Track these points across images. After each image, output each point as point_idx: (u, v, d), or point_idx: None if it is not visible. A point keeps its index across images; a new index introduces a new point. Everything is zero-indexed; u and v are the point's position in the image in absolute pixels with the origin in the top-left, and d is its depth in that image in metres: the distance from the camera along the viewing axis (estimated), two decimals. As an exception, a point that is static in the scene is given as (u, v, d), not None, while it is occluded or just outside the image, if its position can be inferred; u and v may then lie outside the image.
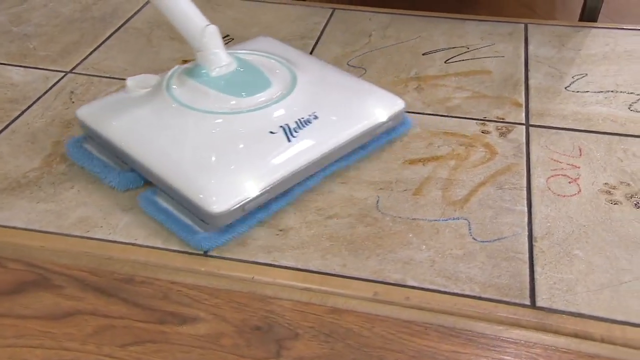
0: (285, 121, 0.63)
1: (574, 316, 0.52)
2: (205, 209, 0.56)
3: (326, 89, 0.70)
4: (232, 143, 0.61)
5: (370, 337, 0.51)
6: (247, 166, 0.59)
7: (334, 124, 0.65)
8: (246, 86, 0.65)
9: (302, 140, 0.62)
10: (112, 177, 0.65)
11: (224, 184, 0.58)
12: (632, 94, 0.81)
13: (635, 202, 0.64)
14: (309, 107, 0.65)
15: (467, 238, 0.61)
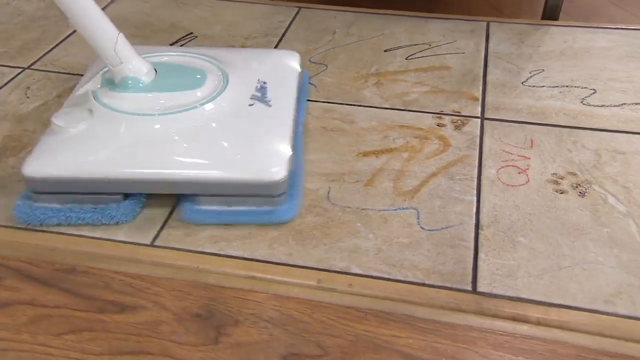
0: (250, 93, 0.68)
1: (513, 300, 0.53)
2: (270, 180, 0.58)
3: (245, 61, 0.75)
4: (233, 124, 0.63)
5: (310, 323, 0.51)
6: (269, 134, 0.63)
7: (279, 82, 0.73)
8: (181, 84, 0.65)
9: (276, 102, 0.68)
10: (116, 213, 0.60)
11: (268, 153, 0.61)
12: (585, 89, 0.82)
13: (580, 191, 0.65)
14: (253, 78, 0.71)
15: (415, 227, 0.61)
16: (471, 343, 0.49)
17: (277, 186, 0.59)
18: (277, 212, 0.60)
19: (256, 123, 0.64)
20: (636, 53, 0.90)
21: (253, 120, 0.64)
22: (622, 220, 0.61)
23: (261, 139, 0.62)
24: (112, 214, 0.60)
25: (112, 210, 0.60)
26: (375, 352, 0.48)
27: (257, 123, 0.64)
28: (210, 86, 0.66)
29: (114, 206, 0.60)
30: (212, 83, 0.66)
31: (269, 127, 0.64)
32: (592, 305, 0.52)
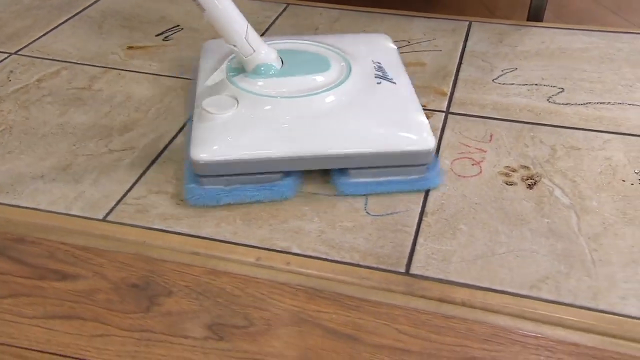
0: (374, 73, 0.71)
1: (442, 282, 0.54)
2: (425, 148, 0.62)
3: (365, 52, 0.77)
4: (369, 100, 0.67)
5: (241, 296, 0.52)
6: (404, 105, 0.68)
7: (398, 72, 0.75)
8: (310, 66, 0.69)
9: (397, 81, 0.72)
10: (284, 189, 0.64)
11: (416, 123, 0.65)
12: (554, 87, 0.83)
13: (529, 183, 0.65)
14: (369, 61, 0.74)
15: (361, 212, 0.62)
16: (392, 320, 0.50)
17: (430, 154, 0.63)
18: (426, 178, 0.64)
19: (391, 98, 0.67)
20: (611, 55, 0.90)
21: (387, 96, 0.67)
22: (564, 212, 0.61)
23: (402, 112, 0.66)
24: (280, 190, 0.63)
25: (279, 187, 0.63)
26: (298, 325, 0.50)
27: (391, 98, 0.67)
28: (336, 69, 0.69)
29: (280, 183, 0.63)
30: (337, 66, 0.70)
31: (403, 101, 0.68)
32: (517, 289, 0.53)
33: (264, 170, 0.63)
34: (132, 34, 0.99)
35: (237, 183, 0.63)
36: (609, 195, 0.63)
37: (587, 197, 0.63)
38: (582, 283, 0.53)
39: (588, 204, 0.62)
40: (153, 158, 0.71)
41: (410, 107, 0.67)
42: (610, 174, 0.66)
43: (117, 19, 1.03)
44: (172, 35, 0.99)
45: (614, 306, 0.51)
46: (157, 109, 0.80)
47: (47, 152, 0.72)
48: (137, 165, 0.70)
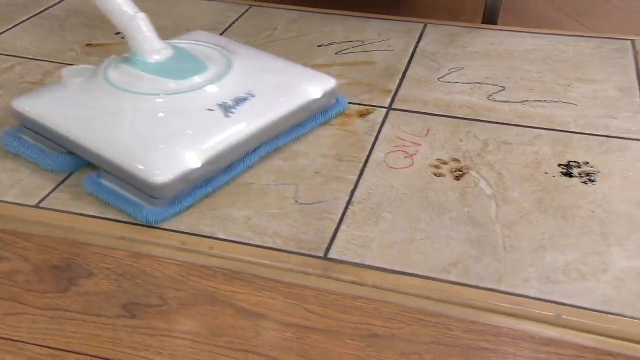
0: (222, 100, 0.66)
1: (357, 266, 0.55)
2: (149, 181, 0.58)
3: (262, 71, 0.74)
4: (171, 121, 0.64)
5: (160, 277, 0.54)
6: (187, 140, 0.62)
7: (270, 101, 0.69)
8: (182, 70, 0.69)
9: (240, 116, 0.65)
10: (50, 161, 0.67)
11: (166, 157, 0.60)
12: (496, 86, 0.85)
13: (457, 175, 0.67)
14: (245, 87, 0.69)
15: (290, 200, 0.64)
16: (303, 300, 0.51)
17: (154, 189, 0.59)
18: (146, 210, 0.60)
19: (192, 127, 0.63)
20: (555, 56, 0.92)
21: (192, 124, 0.64)
22: (486, 201, 0.63)
23: (176, 142, 0.62)
24: (48, 162, 0.67)
25: (52, 160, 0.67)
26: (211, 305, 0.51)
27: (193, 127, 0.63)
28: (190, 82, 0.68)
29: (56, 156, 0.67)
30: (197, 80, 0.68)
31: (200, 135, 0.63)
32: (428, 273, 0.54)
33: (52, 139, 0.67)
34: (92, 32, 1.01)
35: (36, 140, 0.69)
36: (530, 187, 0.65)
37: (510, 188, 0.65)
38: (491, 267, 0.55)
39: (509, 195, 0.64)
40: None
41: (195, 142, 0.62)
42: (535, 167, 0.68)
43: (80, 18, 1.05)
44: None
45: (515, 288, 0.52)
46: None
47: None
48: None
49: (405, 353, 0.47)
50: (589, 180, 0.65)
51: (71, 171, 0.67)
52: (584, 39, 0.98)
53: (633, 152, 0.70)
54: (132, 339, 0.48)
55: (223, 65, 0.72)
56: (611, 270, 0.54)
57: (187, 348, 0.48)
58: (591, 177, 0.66)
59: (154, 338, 0.48)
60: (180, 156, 0.60)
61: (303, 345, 0.48)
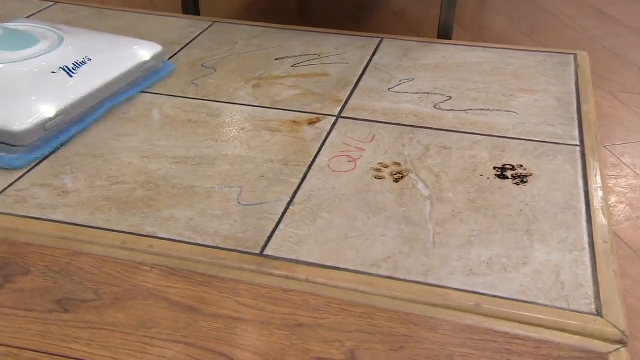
0: (63, 63, 0.79)
1: (291, 262, 0.57)
2: (9, 129, 0.68)
3: (95, 42, 0.88)
4: (20, 83, 0.75)
5: (97, 274, 0.55)
6: (39, 95, 0.74)
7: (106, 62, 0.83)
8: (17, 43, 0.80)
9: (82, 75, 0.79)
10: None
11: (23, 108, 0.71)
12: (443, 96, 0.88)
13: (396, 177, 0.69)
14: (82, 53, 0.82)
15: (233, 202, 0.66)
16: (235, 294, 0.53)
17: (15, 136, 0.68)
18: (7, 158, 0.70)
19: (41, 85, 0.75)
20: (501, 69, 0.96)
21: (40, 83, 0.76)
22: (421, 202, 0.65)
23: (29, 97, 0.73)
24: None
25: None
26: (144, 298, 0.52)
27: (42, 85, 0.75)
28: (29, 52, 0.80)
29: None
30: (34, 50, 0.80)
31: (49, 91, 0.75)
32: (359, 267, 0.56)
33: None
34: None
35: None
36: (465, 188, 0.67)
37: (445, 189, 0.67)
38: (419, 262, 0.57)
39: (444, 195, 0.66)
40: (46, 155, 0.74)
41: (46, 96, 0.74)
42: (471, 170, 0.70)
43: None
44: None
45: (440, 280, 0.54)
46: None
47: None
48: (29, 161, 0.72)
49: (328, 340, 0.48)
50: (521, 182, 0.68)
51: None
52: (531, 53, 1.02)
53: (564, 155, 0.73)
54: (62, 332, 0.49)
55: (55, 39, 0.84)
56: (531, 263, 0.56)
57: (117, 339, 0.49)
58: (523, 179, 0.68)
59: (84, 331, 0.49)
60: (35, 107, 0.72)
61: (231, 335, 0.49)
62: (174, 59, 0.99)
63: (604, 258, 0.56)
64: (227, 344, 0.48)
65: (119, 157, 0.74)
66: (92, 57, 0.82)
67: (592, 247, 0.58)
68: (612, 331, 0.49)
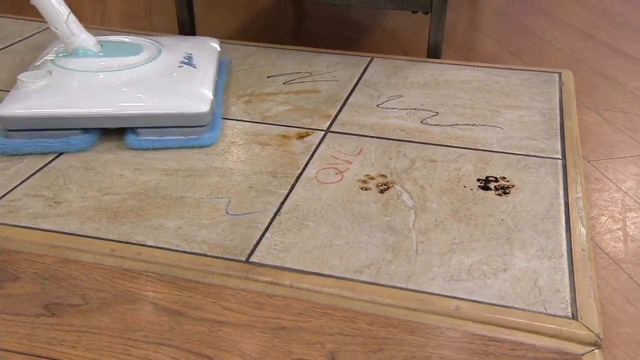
0: (179, 60, 0.88)
1: (276, 269, 0.58)
2: (198, 111, 0.79)
3: (180, 42, 0.97)
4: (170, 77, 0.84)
5: (85, 280, 0.56)
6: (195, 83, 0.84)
7: (202, 52, 0.94)
8: (130, 50, 0.87)
9: (199, 64, 0.90)
10: (76, 143, 0.78)
11: (196, 94, 0.82)
12: (430, 112, 0.90)
13: (382, 189, 0.71)
14: (182, 51, 0.92)
15: (221, 212, 0.67)
16: (220, 299, 0.54)
17: (203, 117, 0.78)
18: (202, 138, 0.79)
19: (185, 77, 0.84)
20: (488, 86, 0.98)
21: (183, 75, 0.84)
22: (405, 212, 0.67)
23: (190, 86, 0.82)
24: (74, 143, 0.77)
25: (73, 140, 0.77)
26: (131, 303, 0.53)
27: (186, 77, 0.84)
28: (146, 55, 0.86)
29: (75, 137, 0.78)
30: (148, 53, 0.87)
31: (196, 79, 0.84)
32: (342, 273, 0.57)
33: (60, 126, 0.77)
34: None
35: (39, 137, 0.77)
36: (449, 198, 0.69)
37: (430, 200, 0.69)
38: (401, 268, 0.58)
39: (428, 205, 0.68)
40: (39, 167, 0.75)
41: (198, 84, 0.83)
42: (455, 182, 0.72)
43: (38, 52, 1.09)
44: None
45: (421, 286, 0.55)
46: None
47: (-61, 160, 0.76)
48: (21, 174, 0.74)
49: (310, 343, 0.49)
50: (503, 193, 0.69)
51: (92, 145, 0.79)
52: (517, 71, 1.04)
53: (546, 168, 0.74)
54: (48, 335, 0.50)
55: (153, 46, 0.90)
56: (510, 270, 0.57)
57: (102, 342, 0.50)
58: (505, 190, 0.70)
59: (70, 334, 0.50)
60: (202, 91, 0.82)
61: (214, 337, 0.50)
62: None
63: (581, 265, 0.57)
64: (210, 346, 0.49)
65: (111, 169, 0.75)
66: (191, 52, 0.91)
67: (570, 254, 0.59)
68: (586, 334, 0.50)
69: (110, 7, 1.44)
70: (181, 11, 1.21)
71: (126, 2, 1.47)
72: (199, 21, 1.32)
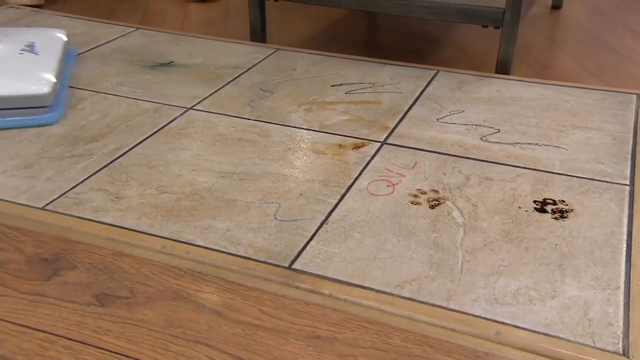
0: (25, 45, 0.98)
1: (317, 277, 0.58)
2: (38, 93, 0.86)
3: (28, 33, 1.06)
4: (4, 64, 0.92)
5: (135, 274, 0.58)
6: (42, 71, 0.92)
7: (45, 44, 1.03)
8: None
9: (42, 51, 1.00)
10: None
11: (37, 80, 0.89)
12: (492, 128, 0.88)
13: (432, 204, 0.70)
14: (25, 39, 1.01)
15: (270, 217, 0.68)
16: (259, 303, 0.55)
17: (44, 98, 0.86)
18: (41, 118, 0.86)
19: (26, 62, 0.92)
20: (557, 105, 0.94)
21: (24, 61, 0.92)
22: (454, 229, 0.65)
23: (31, 70, 0.90)
24: None
25: None
26: (174, 300, 0.55)
27: (27, 62, 0.92)
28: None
29: None
30: None
31: (38, 64, 0.92)
32: (383, 287, 0.57)
33: None
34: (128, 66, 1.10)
35: None
36: (501, 219, 0.67)
37: (481, 219, 0.67)
38: (443, 286, 0.57)
39: (479, 224, 0.66)
40: (106, 163, 0.79)
41: (40, 69, 0.91)
42: (510, 202, 0.70)
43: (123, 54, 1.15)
44: (163, 68, 1.10)
45: (462, 306, 0.54)
46: (127, 125, 0.89)
47: (16, 154, 0.81)
48: (89, 169, 0.78)
49: (342, 354, 0.49)
50: (561, 217, 0.67)
51: None
52: (590, 90, 1.00)
53: (610, 193, 0.71)
54: (95, 324, 0.53)
55: None
56: (559, 297, 0.55)
57: (144, 335, 0.52)
58: (563, 214, 0.67)
59: (115, 324, 0.53)
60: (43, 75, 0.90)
61: (249, 340, 0.51)
62: (235, 81, 1.04)
63: (639, 298, 0.54)
64: (244, 349, 0.50)
65: (171, 168, 0.78)
66: (33, 41, 1.00)
67: (627, 286, 0.56)
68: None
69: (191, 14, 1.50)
70: (254, 18, 1.25)
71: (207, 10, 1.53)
72: (272, 28, 1.35)
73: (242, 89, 1.01)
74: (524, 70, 1.24)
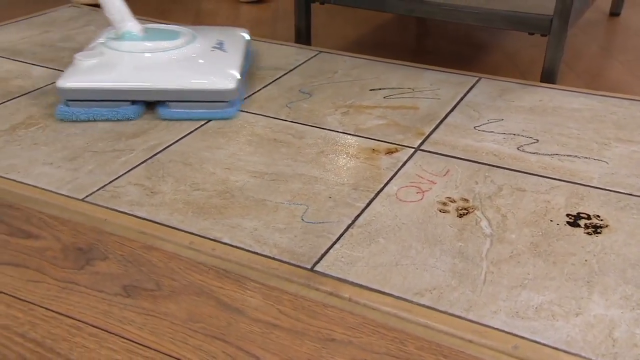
0: (211, 46, 1.02)
1: (338, 280, 0.58)
2: (226, 88, 0.92)
3: (211, 32, 1.10)
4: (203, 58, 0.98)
5: (162, 267, 0.60)
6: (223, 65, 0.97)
7: (233, 41, 1.08)
8: (164, 36, 1.00)
9: (229, 50, 1.03)
10: (125, 112, 0.91)
11: (225, 75, 0.94)
12: (530, 138, 0.86)
13: (461, 213, 0.69)
14: (214, 39, 1.05)
15: (297, 218, 0.69)
16: (278, 302, 0.56)
17: (229, 93, 0.92)
18: (224, 112, 0.92)
19: (216, 59, 0.98)
20: (602, 116, 0.92)
21: (214, 58, 0.98)
22: (481, 239, 0.64)
23: (220, 66, 0.95)
24: (124, 112, 0.91)
25: (123, 110, 0.91)
26: (197, 295, 0.57)
27: (216, 59, 0.98)
28: (183, 40, 0.99)
29: (123, 108, 0.91)
30: (184, 39, 1.00)
31: (225, 61, 0.98)
32: (402, 294, 0.56)
33: (113, 98, 0.90)
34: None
35: (94, 107, 0.91)
36: (530, 231, 0.65)
37: (509, 230, 0.66)
38: (464, 296, 0.56)
39: (507, 236, 0.65)
40: (145, 159, 0.82)
41: (227, 65, 0.96)
42: (542, 214, 0.68)
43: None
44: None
45: (482, 318, 0.53)
46: (167, 122, 0.92)
47: (64, 146, 0.85)
48: (129, 163, 0.81)
49: (356, 359, 0.49)
50: (594, 232, 0.65)
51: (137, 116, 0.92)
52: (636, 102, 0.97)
53: (649, 210, 0.68)
54: (121, 314, 0.55)
55: (189, 34, 1.03)
56: (584, 315, 0.53)
57: (165, 328, 0.53)
58: (597, 229, 0.65)
59: (140, 316, 0.54)
60: (230, 72, 0.95)
61: (265, 339, 0.52)
62: (276, 82, 1.06)
63: (668, 321, 0.52)
64: (259, 347, 0.51)
65: (206, 166, 0.80)
66: (222, 39, 1.04)
67: (658, 308, 0.54)
68: (658, 397, 0.45)
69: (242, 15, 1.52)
70: (299, 20, 1.26)
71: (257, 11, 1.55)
72: (318, 31, 1.37)
73: (281, 90, 1.02)
74: (572, 79, 1.21)
